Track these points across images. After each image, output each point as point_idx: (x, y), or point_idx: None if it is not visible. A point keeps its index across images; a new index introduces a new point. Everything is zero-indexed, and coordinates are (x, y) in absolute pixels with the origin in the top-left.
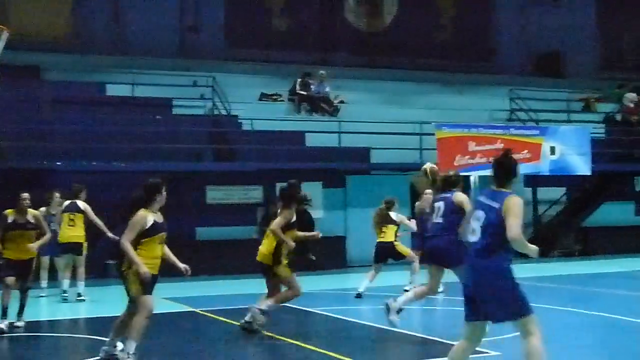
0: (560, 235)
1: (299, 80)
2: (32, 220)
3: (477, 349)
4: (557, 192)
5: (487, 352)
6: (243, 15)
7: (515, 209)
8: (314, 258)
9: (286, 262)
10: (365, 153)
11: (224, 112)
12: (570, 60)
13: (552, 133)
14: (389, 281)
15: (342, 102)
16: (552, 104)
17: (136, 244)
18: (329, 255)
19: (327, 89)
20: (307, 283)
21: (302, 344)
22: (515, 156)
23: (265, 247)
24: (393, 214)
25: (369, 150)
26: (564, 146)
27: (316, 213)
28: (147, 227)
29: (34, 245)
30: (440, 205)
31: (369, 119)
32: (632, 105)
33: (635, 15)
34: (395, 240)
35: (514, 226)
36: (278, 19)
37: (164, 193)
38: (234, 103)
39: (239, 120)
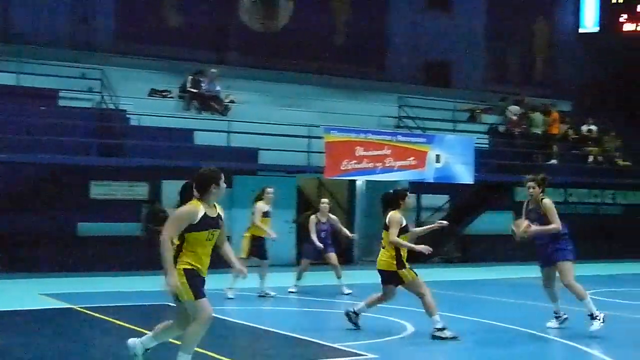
0: (441, 241)
1: (190, 77)
2: None
3: (356, 351)
4: (440, 200)
5: (364, 355)
6: (136, 9)
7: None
8: None
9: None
10: (254, 154)
11: (111, 106)
12: (459, 71)
13: (438, 141)
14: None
15: (232, 101)
16: (439, 113)
17: (181, 240)
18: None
19: (218, 88)
20: None
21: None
22: (401, 163)
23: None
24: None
25: (257, 151)
26: (449, 155)
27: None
28: (195, 222)
29: None
30: None
31: (259, 119)
32: (515, 117)
33: (521, 32)
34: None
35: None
36: (172, 14)
37: (223, 185)
38: (123, 97)
39: (127, 115)
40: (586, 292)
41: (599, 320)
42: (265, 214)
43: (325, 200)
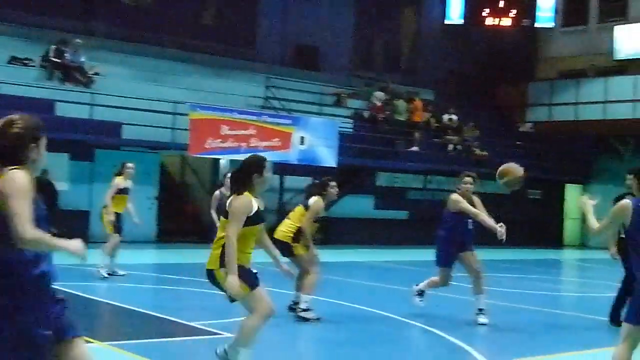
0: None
1: (53, 47)
2: None
3: (213, 330)
4: (303, 182)
5: (222, 333)
6: None
7: None
8: (55, 232)
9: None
10: (117, 128)
11: None
12: (326, 55)
13: (303, 124)
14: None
15: (97, 73)
16: (306, 96)
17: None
18: (72, 229)
19: (83, 59)
20: None
21: None
22: (266, 143)
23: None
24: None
25: (120, 126)
26: (313, 137)
27: (61, 185)
28: (251, 214)
29: None
30: None
31: (124, 93)
32: (379, 103)
33: (387, 20)
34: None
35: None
36: None
37: (268, 174)
38: None
39: None
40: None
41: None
42: (123, 191)
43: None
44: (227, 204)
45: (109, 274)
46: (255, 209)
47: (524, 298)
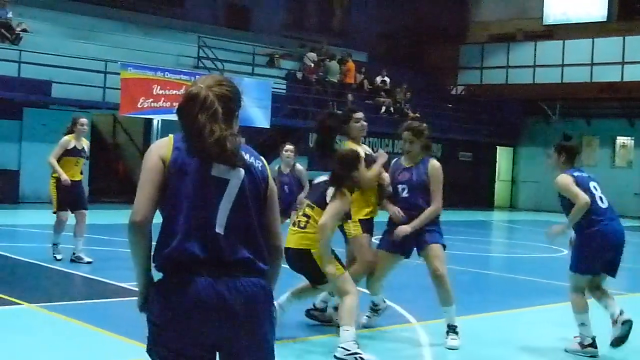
0: None
1: None
2: None
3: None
4: None
5: None
6: None
7: None
8: None
9: None
10: (47, 86)
11: None
12: (259, 16)
13: (236, 84)
14: None
15: (24, 30)
16: (239, 56)
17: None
18: (1, 189)
19: (10, 15)
20: None
21: None
22: None
23: None
24: None
25: (50, 84)
26: (246, 98)
27: None
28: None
29: None
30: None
31: (53, 51)
32: (312, 64)
33: None
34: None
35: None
36: None
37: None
38: None
39: None
40: None
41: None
42: (73, 152)
43: (289, 147)
44: (327, 195)
45: (72, 260)
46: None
47: (453, 259)
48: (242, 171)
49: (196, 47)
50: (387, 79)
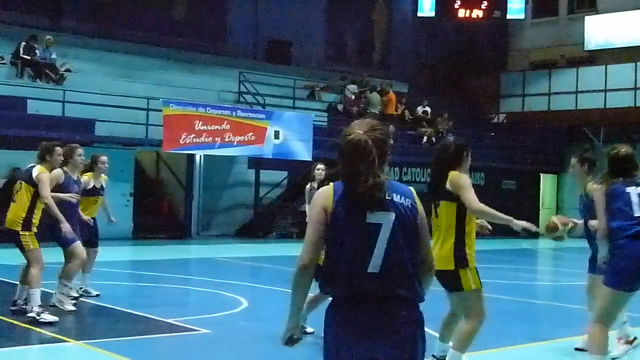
0: (278, 217)
1: (23, 43)
2: None
3: (189, 326)
4: (278, 176)
5: (198, 329)
6: None
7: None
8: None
9: None
10: (90, 124)
11: None
12: (299, 49)
13: (277, 118)
14: None
15: (68, 70)
16: (279, 90)
17: (463, 228)
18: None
19: (54, 56)
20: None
21: (11, 320)
22: (240, 138)
23: None
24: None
25: (94, 122)
26: (288, 131)
27: None
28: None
29: None
30: None
31: (96, 90)
32: (353, 96)
33: (360, 13)
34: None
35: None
36: None
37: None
38: None
39: None
40: None
41: None
42: (93, 191)
43: (320, 165)
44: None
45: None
46: None
47: (498, 288)
48: (393, 214)
49: (237, 82)
50: (428, 109)
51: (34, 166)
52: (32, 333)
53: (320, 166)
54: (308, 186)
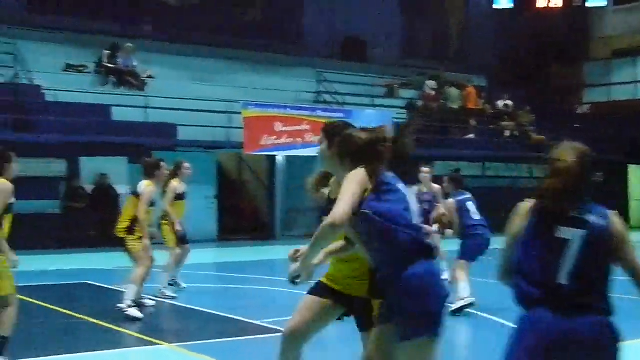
0: None
1: (106, 52)
2: None
3: (278, 328)
4: None
5: None
6: None
7: None
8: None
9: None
10: (172, 129)
11: (25, 82)
12: (376, 46)
13: (357, 116)
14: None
15: (150, 76)
16: (357, 88)
17: None
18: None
19: (135, 63)
20: (111, 259)
21: (104, 323)
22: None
23: None
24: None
25: (176, 127)
26: None
27: (121, 189)
28: None
29: None
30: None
31: (177, 95)
32: (432, 92)
33: (435, 7)
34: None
35: None
36: None
37: None
38: (37, 72)
39: (42, 91)
40: None
41: None
42: (182, 196)
43: (425, 168)
44: None
45: (170, 284)
46: None
47: None
48: (583, 232)
49: (315, 82)
50: (509, 102)
51: (141, 182)
52: (123, 336)
53: (425, 169)
54: (416, 189)
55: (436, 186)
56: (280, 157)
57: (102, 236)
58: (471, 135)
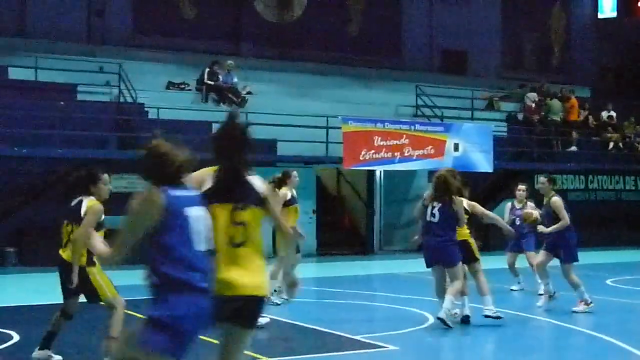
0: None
1: (206, 69)
2: None
3: (376, 342)
4: None
5: (385, 346)
6: (151, 1)
7: None
8: None
9: None
10: (272, 145)
11: (130, 100)
12: (475, 59)
13: (456, 130)
14: None
15: (249, 93)
16: (457, 102)
17: None
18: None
19: (235, 80)
20: None
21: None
22: (420, 152)
23: None
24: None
25: (275, 142)
26: (467, 143)
27: None
28: None
29: None
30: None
31: (276, 110)
32: (533, 105)
33: (536, 18)
34: None
35: None
36: (187, 6)
37: None
38: (141, 91)
39: (145, 109)
40: None
41: None
42: (290, 202)
43: (522, 186)
44: None
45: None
46: None
47: None
48: None
49: (414, 96)
50: (613, 114)
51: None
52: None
53: (522, 187)
54: (509, 204)
55: (531, 204)
56: (379, 171)
57: None
58: (574, 148)
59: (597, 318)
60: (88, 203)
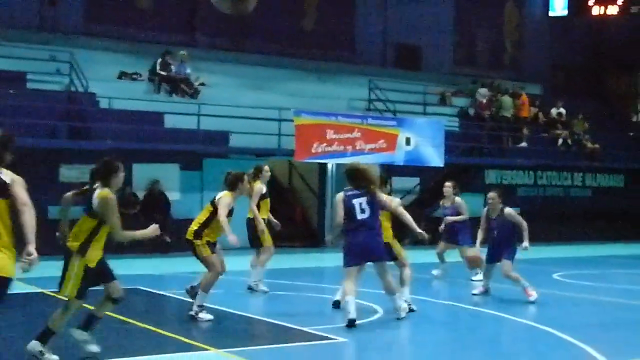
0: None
1: (159, 60)
2: None
3: (326, 334)
4: (411, 182)
5: (335, 338)
6: None
7: None
8: (169, 240)
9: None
10: (224, 137)
11: (81, 89)
12: (428, 54)
13: (409, 124)
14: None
15: (202, 84)
16: (409, 96)
17: None
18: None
19: (188, 71)
20: (160, 265)
21: (154, 328)
22: (372, 146)
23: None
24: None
25: (227, 134)
26: (419, 138)
27: (173, 195)
28: None
29: None
30: None
31: (229, 102)
32: (484, 100)
33: (489, 15)
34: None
35: None
36: None
37: None
38: (92, 80)
39: (97, 98)
40: None
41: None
42: (266, 195)
43: (448, 183)
44: None
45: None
46: None
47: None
48: None
49: (367, 90)
50: (563, 111)
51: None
52: (174, 341)
53: (448, 183)
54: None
55: (459, 199)
56: (330, 164)
57: (153, 242)
58: (524, 144)
59: (540, 310)
60: (101, 193)
